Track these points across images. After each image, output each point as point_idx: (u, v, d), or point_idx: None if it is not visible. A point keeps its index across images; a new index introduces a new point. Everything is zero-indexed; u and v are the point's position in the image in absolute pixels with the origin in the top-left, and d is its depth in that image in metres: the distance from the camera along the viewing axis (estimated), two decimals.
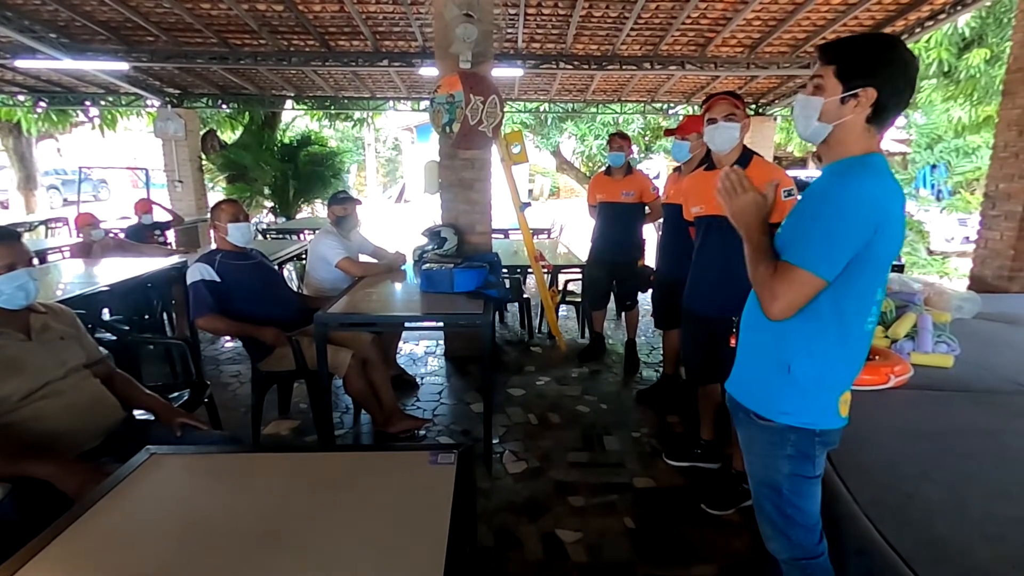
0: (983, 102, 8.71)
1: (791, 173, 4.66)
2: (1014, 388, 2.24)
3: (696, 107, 8.90)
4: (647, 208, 3.71)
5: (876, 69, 1.13)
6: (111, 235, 4.94)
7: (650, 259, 3.94)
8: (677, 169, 3.27)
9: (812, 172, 10.11)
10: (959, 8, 4.99)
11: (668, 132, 3.20)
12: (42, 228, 8.25)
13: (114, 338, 2.63)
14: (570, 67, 6.43)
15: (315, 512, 1.10)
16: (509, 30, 5.67)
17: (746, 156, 2.16)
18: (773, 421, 1.27)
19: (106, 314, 3.71)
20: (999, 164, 4.13)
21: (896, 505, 1.46)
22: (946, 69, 8.51)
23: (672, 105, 9.39)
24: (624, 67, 6.42)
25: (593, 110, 9.89)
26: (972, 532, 1.37)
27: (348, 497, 1.16)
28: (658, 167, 16.63)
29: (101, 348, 1.92)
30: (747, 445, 1.38)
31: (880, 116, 1.16)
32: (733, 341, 2.14)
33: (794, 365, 1.23)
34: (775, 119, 9.06)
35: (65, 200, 15.33)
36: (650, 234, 4.11)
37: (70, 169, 15.78)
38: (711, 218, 2.20)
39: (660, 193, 3.68)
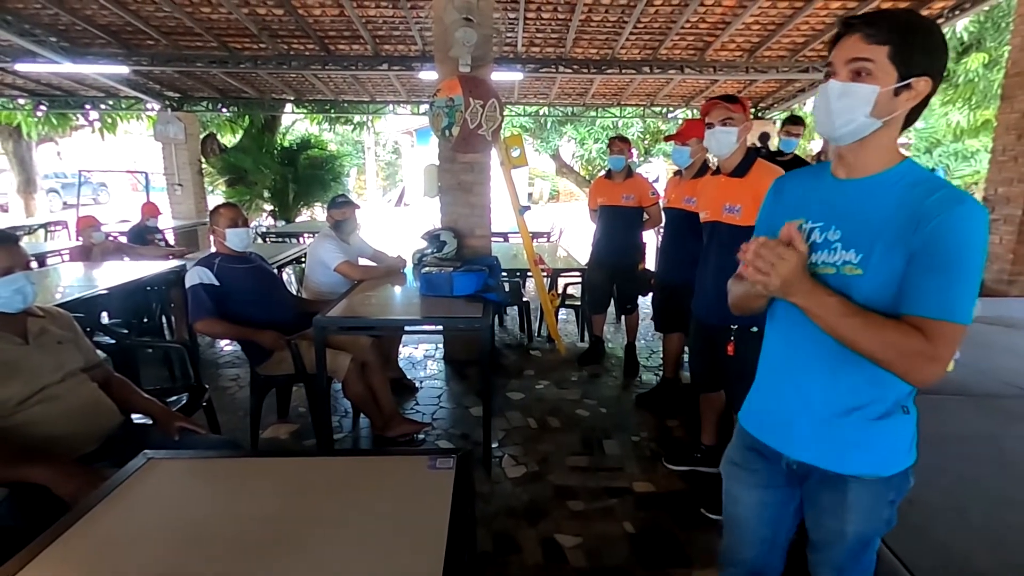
0: (981, 106, 8.75)
1: None
2: (1014, 392, 2.24)
3: (695, 111, 8.92)
4: (645, 214, 3.72)
5: (935, 55, 0.94)
6: (111, 238, 4.93)
7: (651, 262, 3.94)
8: (678, 173, 3.27)
9: None
10: (957, 13, 5.01)
11: (668, 138, 3.21)
12: (41, 231, 8.26)
13: (113, 342, 2.63)
14: (569, 71, 6.44)
15: (313, 517, 1.10)
16: (509, 34, 5.69)
17: (749, 159, 2.16)
18: (879, 475, 1.07)
19: (105, 317, 3.71)
20: (998, 168, 4.14)
21: (898, 510, 1.45)
22: (945, 73, 8.54)
23: (671, 109, 9.40)
24: (623, 71, 6.43)
25: (592, 114, 9.89)
26: (972, 537, 1.36)
27: (347, 502, 1.15)
28: (658, 170, 16.65)
29: (99, 352, 1.92)
30: (835, 507, 1.11)
31: (919, 113, 0.98)
32: (731, 349, 2.14)
33: (910, 403, 1.06)
34: (774, 123, 9.07)
35: (65, 203, 15.32)
36: (650, 238, 4.12)
37: (70, 172, 15.77)
38: (712, 224, 2.20)
39: (661, 196, 3.69)
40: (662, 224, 3.57)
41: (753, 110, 8.70)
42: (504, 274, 3.82)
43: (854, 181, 1.01)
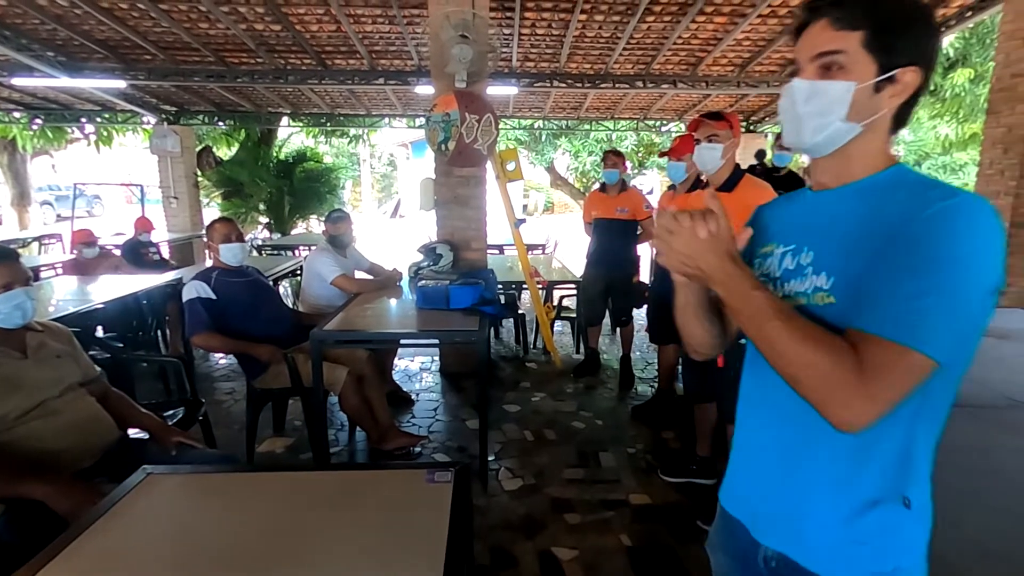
0: (969, 120, 8.90)
1: None
2: (1005, 402, 2.27)
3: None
4: (639, 227, 3.76)
5: (923, 38, 0.75)
6: (105, 250, 4.92)
7: (645, 275, 3.98)
8: (672, 187, 3.32)
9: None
10: (943, 30, 5.12)
11: (663, 154, 3.26)
12: (35, 244, 8.23)
13: (108, 355, 2.63)
14: (564, 85, 6.53)
15: (312, 531, 1.10)
16: (504, 49, 5.76)
17: (736, 175, 2.20)
18: None
19: (100, 331, 3.70)
20: (985, 181, 4.21)
21: None
22: (932, 88, 8.70)
23: (665, 122, 9.51)
24: (617, 85, 6.52)
25: (587, 127, 9.99)
26: (968, 548, 1.38)
27: (344, 516, 1.16)
28: (652, 183, 16.78)
29: (96, 366, 1.92)
30: None
31: (910, 111, 0.79)
32: (720, 360, 2.16)
33: (913, 493, 0.78)
34: (765, 136, 9.19)
35: (59, 216, 15.29)
36: (645, 250, 4.15)
37: (64, 185, 15.77)
38: None
39: (654, 210, 3.74)
40: None
41: (745, 124, 8.81)
42: (500, 286, 3.84)
43: (828, 191, 0.83)
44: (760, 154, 4.20)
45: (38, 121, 8.63)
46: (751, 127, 8.88)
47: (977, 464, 1.82)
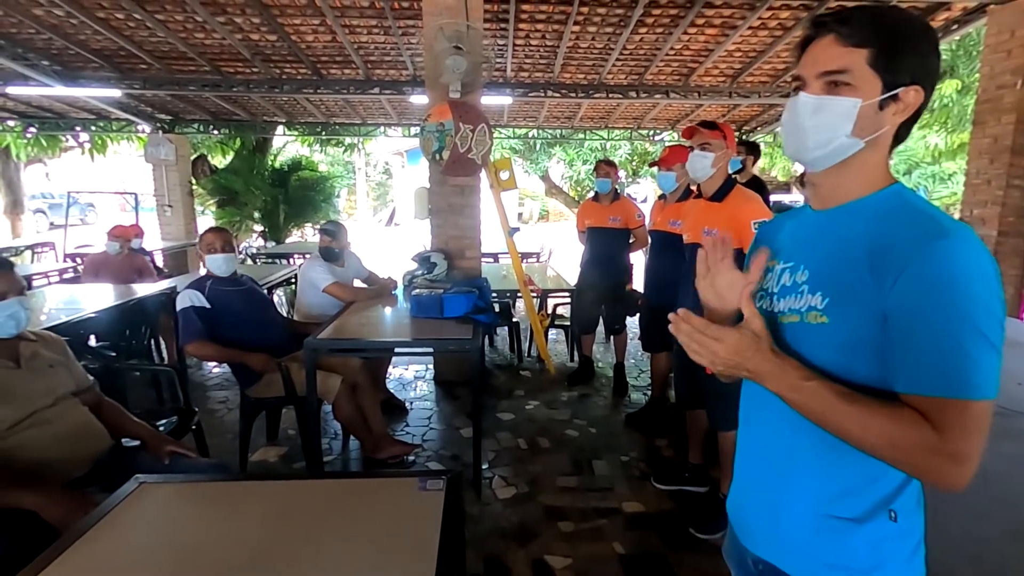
0: (957, 130, 9.02)
1: (775, 198, 4.79)
2: (996, 410, 2.30)
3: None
4: (632, 236, 3.80)
5: (927, 58, 0.77)
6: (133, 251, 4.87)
7: (638, 283, 4.01)
8: (662, 197, 3.35)
9: (796, 197, 10.25)
10: None
11: (652, 164, 3.30)
12: (28, 253, 8.20)
13: (100, 364, 2.62)
14: (558, 95, 6.58)
15: (304, 540, 1.11)
16: (498, 60, 5.81)
17: (727, 185, 2.23)
18: None
19: (93, 340, 3.68)
20: (972, 190, 4.27)
21: None
22: (938, 81, 8.85)
23: (658, 131, 9.59)
24: (610, 95, 6.57)
25: (581, 136, 10.06)
26: (952, 553, 1.40)
27: (337, 524, 1.17)
28: (646, 191, 16.89)
29: (89, 375, 1.92)
30: None
31: (909, 128, 0.81)
32: (709, 368, 2.18)
33: (904, 507, 0.81)
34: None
35: (52, 224, 15.24)
36: (638, 258, 4.19)
37: (57, 193, 15.72)
38: (693, 246, 2.28)
39: (646, 220, 3.77)
40: (648, 245, 3.64)
41: (737, 133, 8.90)
42: (494, 295, 3.86)
43: (827, 212, 0.84)
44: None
45: (32, 130, 8.62)
46: (743, 136, 8.98)
47: None
